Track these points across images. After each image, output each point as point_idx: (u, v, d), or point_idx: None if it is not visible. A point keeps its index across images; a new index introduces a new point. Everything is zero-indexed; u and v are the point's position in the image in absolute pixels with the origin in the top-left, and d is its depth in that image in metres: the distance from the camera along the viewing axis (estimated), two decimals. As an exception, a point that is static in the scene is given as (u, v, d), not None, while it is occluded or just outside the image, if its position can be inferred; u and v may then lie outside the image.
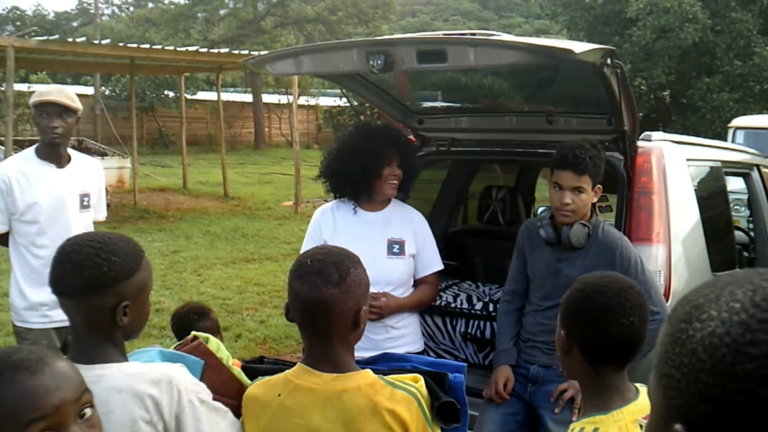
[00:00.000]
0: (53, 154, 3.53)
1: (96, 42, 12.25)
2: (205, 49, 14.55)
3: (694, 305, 0.77)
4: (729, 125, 13.42)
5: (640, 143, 3.10)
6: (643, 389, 1.71)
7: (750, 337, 0.70)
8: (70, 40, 12.30)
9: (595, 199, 2.82)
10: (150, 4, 47.66)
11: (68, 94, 3.55)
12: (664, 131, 3.46)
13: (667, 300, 2.80)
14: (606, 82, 2.66)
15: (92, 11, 50.28)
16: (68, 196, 3.53)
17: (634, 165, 3.01)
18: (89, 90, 28.63)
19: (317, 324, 1.66)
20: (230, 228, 12.55)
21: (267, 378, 1.75)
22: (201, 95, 30.28)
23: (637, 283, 1.79)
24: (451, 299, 3.48)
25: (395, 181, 3.05)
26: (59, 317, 3.49)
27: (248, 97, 32.93)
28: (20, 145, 10.92)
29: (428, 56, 2.61)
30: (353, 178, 3.04)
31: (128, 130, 17.20)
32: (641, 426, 1.60)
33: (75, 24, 55.37)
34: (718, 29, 20.29)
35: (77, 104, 3.53)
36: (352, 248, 2.77)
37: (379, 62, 2.65)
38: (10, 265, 3.60)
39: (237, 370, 1.86)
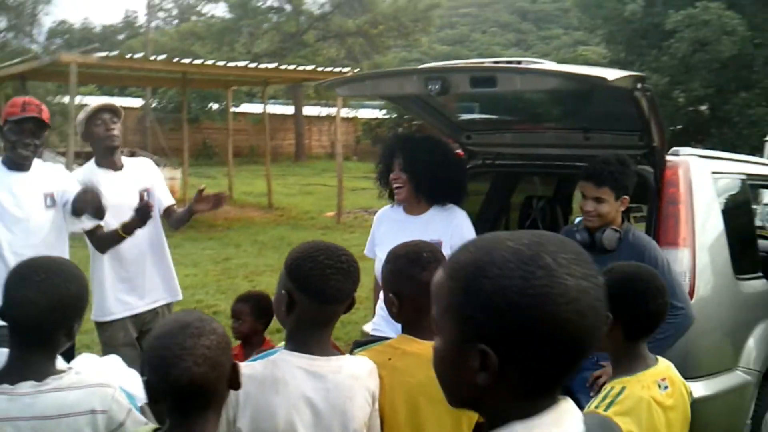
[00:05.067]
0: (110, 159, 3.81)
1: (152, 58, 12.89)
2: (253, 64, 15.12)
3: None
4: (766, 138, 13.55)
5: (668, 157, 3.42)
6: (661, 359, 2.09)
7: None
8: (128, 56, 12.95)
9: (622, 208, 3.17)
10: (194, 17, 48.70)
11: (111, 102, 3.94)
12: (703, 145, 3.78)
13: (691, 298, 3.12)
14: (637, 104, 3.02)
15: (137, 25, 51.51)
16: (131, 194, 3.77)
17: (663, 177, 3.34)
18: (137, 102, 29.58)
19: None
20: (276, 237, 13.01)
21: (368, 347, 2.17)
22: (243, 107, 30.92)
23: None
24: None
25: (398, 185, 3.30)
26: (137, 303, 3.84)
27: (289, 110, 33.51)
28: (80, 157, 11.56)
29: (480, 82, 2.99)
30: (381, 186, 3.52)
31: (175, 142, 17.85)
32: (659, 385, 1.98)
33: (120, 37, 56.70)
34: (756, 42, 20.27)
35: (121, 110, 3.90)
36: (390, 244, 3.11)
37: (437, 86, 3.04)
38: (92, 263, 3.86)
39: None
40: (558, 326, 0.98)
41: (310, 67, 15.59)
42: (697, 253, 3.21)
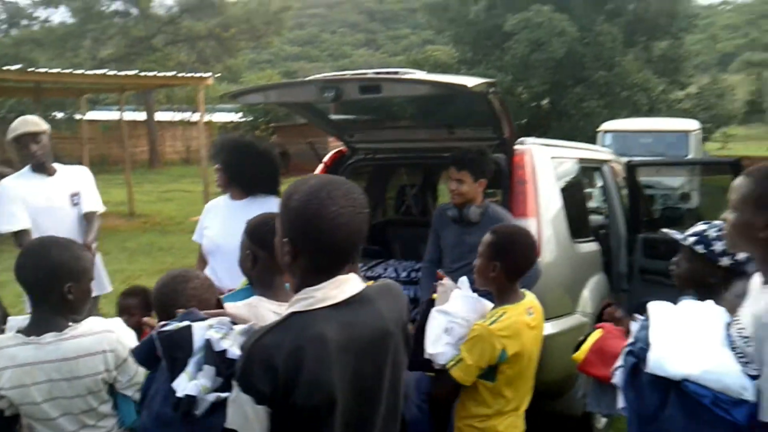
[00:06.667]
0: (42, 168, 4.35)
1: (4, 68, 12.57)
2: (112, 72, 15.00)
3: None
4: (598, 129, 15.06)
5: (516, 146, 4.20)
6: (528, 293, 2.90)
7: None
8: (-20, 66, 12.55)
9: (481, 189, 3.92)
10: (24, 21, 46.13)
11: (32, 121, 4.35)
12: (545, 136, 4.57)
13: (537, 257, 3.90)
14: (490, 104, 3.76)
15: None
16: (60, 197, 4.34)
17: (513, 162, 4.12)
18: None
19: None
20: (145, 243, 13.07)
21: None
22: (91, 115, 29.89)
23: None
24: (381, 271, 4.52)
25: (216, 178, 3.99)
26: None
27: (141, 116, 32.72)
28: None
29: (368, 89, 3.64)
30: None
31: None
32: (528, 312, 2.80)
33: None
34: (586, 42, 22.25)
35: (43, 126, 4.34)
36: (216, 225, 3.75)
37: (331, 94, 3.66)
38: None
39: None
40: (323, 232, 1.67)
41: (170, 74, 15.65)
42: (542, 221, 3.99)
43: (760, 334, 1.97)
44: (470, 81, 3.53)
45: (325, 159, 4.83)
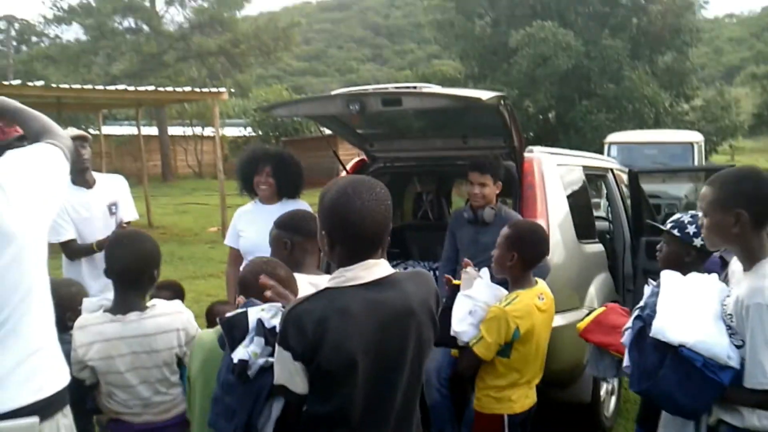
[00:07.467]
0: (83, 178, 4.54)
1: (30, 84, 13.04)
2: (132, 88, 15.45)
3: None
4: (604, 141, 15.38)
5: (525, 154, 4.54)
6: (540, 280, 3.25)
7: None
8: (6, 83, 13.02)
9: (497, 191, 4.27)
10: (34, 38, 46.85)
11: (78, 129, 4.70)
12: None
13: (546, 254, 4.25)
14: (501, 116, 4.11)
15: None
16: (99, 208, 4.58)
17: (522, 169, 4.46)
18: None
19: None
20: (166, 253, 13.23)
21: None
22: (103, 130, 30.32)
23: None
24: (401, 270, 4.87)
25: (264, 187, 4.41)
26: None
27: (153, 130, 33.18)
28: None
29: (389, 102, 4.01)
30: (241, 185, 4.58)
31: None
32: (539, 297, 3.15)
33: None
34: (592, 56, 22.59)
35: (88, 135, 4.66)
36: (255, 229, 4.07)
37: (356, 107, 4.03)
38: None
39: None
40: (351, 223, 1.95)
41: (187, 89, 16.10)
42: (550, 223, 4.33)
43: (741, 313, 2.35)
44: (484, 94, 3.90)
45: (348, 167, 5.18)
